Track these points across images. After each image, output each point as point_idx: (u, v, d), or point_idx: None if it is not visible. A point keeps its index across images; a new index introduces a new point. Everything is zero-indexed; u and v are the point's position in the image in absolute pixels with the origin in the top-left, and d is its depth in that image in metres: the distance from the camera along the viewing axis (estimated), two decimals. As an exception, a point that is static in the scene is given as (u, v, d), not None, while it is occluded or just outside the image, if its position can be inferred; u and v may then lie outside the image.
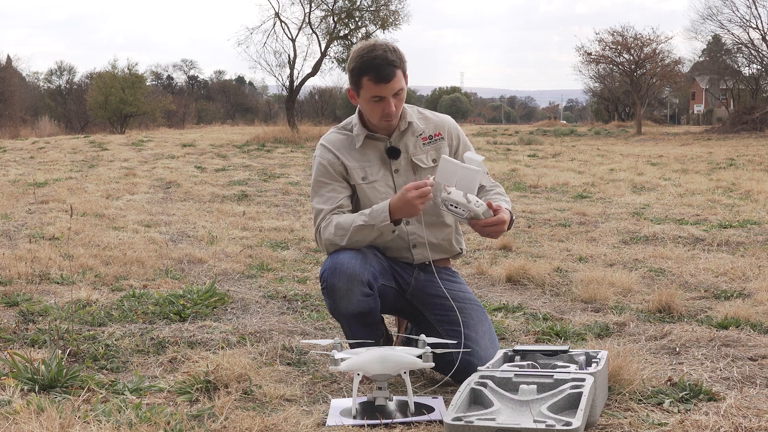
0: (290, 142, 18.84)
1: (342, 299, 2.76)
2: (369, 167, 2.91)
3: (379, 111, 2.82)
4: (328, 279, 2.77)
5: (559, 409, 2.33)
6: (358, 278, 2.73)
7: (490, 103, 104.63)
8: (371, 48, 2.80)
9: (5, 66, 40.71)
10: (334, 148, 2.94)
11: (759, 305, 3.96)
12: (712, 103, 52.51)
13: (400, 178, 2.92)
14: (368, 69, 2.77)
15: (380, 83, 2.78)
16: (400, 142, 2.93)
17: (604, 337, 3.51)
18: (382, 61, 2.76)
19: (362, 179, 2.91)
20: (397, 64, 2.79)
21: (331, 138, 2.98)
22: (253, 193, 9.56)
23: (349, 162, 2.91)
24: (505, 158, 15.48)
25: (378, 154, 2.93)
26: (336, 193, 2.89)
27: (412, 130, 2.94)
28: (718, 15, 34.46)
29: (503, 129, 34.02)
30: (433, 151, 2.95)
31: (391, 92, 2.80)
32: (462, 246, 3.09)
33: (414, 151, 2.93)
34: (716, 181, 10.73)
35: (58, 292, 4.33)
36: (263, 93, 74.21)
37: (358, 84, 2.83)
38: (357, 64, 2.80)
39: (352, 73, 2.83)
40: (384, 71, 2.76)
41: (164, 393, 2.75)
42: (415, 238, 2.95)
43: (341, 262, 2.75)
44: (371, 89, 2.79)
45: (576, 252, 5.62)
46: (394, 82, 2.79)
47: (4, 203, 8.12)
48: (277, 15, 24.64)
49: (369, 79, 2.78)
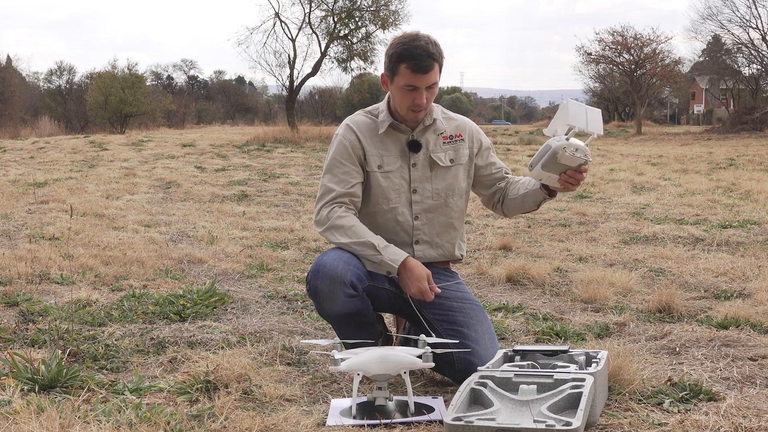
0: (290, 142, 18.83)
1: (325, 301, 2.76)
2: (387, 156, 2.91)
3: (409, 101, 2.82)
4: (311, 281, 2.78)
5: (559, 409, 2.33)
6: (340, 279, 2.72)
7: (490, 103, 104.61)
8: (414, 37, 2.81)
9: (5, 66, 40.73)
10: (358, 130, 2.94)
11: (759, 305, 3.96)
12: (712, 103, 52.52)
13: (417, 172, 2.93)
14: (408, 57, 2.77)
15: (417, 73, 2.78)
16: (422, 136, 2.93)
17: (604, 337, 3.51)
18: (422, 52, 2.77)
19: (378, 167, 2.90)
20: (437, 58, 2.79)
21: (357, 119, 2.98)
22: (253, 193, 9.56)
23: (369, 147, 2.91)
24: (505, 158, 15.48)
25: (399, 145, 2.93)
26: (350, 177, 2.88)
27: (435, 127, 2.95)
28: (718, 15, 34.51)
29: (503, 129, 34.01)
30: (452, 151, 2.96)
31: (426, 84, 2.80)
32: (463, 253, 3.09)
33: (434, 148, 2.94)
34: (716, 181, 10.73)
35: (58, 292, 4.33)
36: (263, 93, 74.20)
37: (395, 70, 2.82)
38: (397, 49, 2.80)
39: (391, 58, 2.82)
40: (423, 62, 2.77)
41: (164, 393, 2.75)
42: (419, 234, 2.95)
43: (324, 264, 2.75)
44: (407, 77, 2.79)
45: (576, 252, 5.63)
46: (431, 75, 2.79)
47: (4, 203, 8.12)
48: (277, 15, 24.65)
49: (407, 66, 2.78)
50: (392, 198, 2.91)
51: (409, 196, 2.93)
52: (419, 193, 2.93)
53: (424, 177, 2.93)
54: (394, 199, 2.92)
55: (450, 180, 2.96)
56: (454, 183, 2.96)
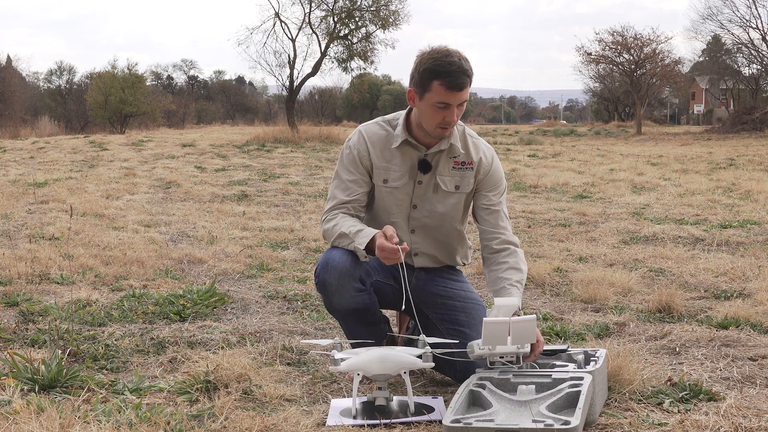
0: (290, 142, 18.83)
1: (334, 295, 2.76)
2: (394, 171, 2.87)
3: (439, 118, 2.74)
4: (320, 275, 2.78)
5: (557, 408, 2.33)
6: (349, 274, 2.73)
7: (490, 103, 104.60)
8: (447, 53, 2.71)
9: (5, 66, 40.72)
10: (369, 141, 2.90)
11: (759, 305, 3.96)
12: (712, 103, 52.51)
13: (420, 190, 2.89)
14: (443, 74, 2.68)
15: (452, 90, 2.69)
16: (434, 158, 2.87)
17: (604, 337, 3.51)
18: (457, 69, 2.68)
19: (383, 181, 2.88)
20: (470, 75, 2.72)
21: (371, 129, 2.93)
22: (253, 193, 9.55)
23: (377, 161, 2.88)
24: (505, 158, 15.48)
25: (410, 162, 2.87)
26: (356, 185, 2.87)
27: (450, 150, 2.88)
28: (718, 15, 34.51)
29: (503, 129, 34.03)
30: (458, 177, 2.90)
31: (458, 102, 2.72)
32: (466, 261, 3.07)
33: (441, 171, 2.88)
34: (716, 181, 10.73)
35: (58, 292, 4.33)
36: (263, 93, 74.22)
37: (427, 86, 2.72)
38: (431, 65, 2.70)
39: (423, 74, 2.72)
40: (459, 79, 2.68)
41: (164, 393, 2.75)
42: (418, 247, 2.94)
43: (333, 258, 2.75)
44: (441, 94, 2.70)
45: (576, 252, 5.63)
46: (464, 93, 2.72)
47: (4, 203, 8.12)
48: (277, 15, 24.64)
49: (441, 84, 2.69)
50: (393, 212, 2.90)
51: (408, 211, 2.91)
52: (418, 210, 2.90)
53: (426, 197, 2.89)
54: (395, 213, 2.90)
55: (450, 207, 2.90)
56: (454, 211, 2.92)
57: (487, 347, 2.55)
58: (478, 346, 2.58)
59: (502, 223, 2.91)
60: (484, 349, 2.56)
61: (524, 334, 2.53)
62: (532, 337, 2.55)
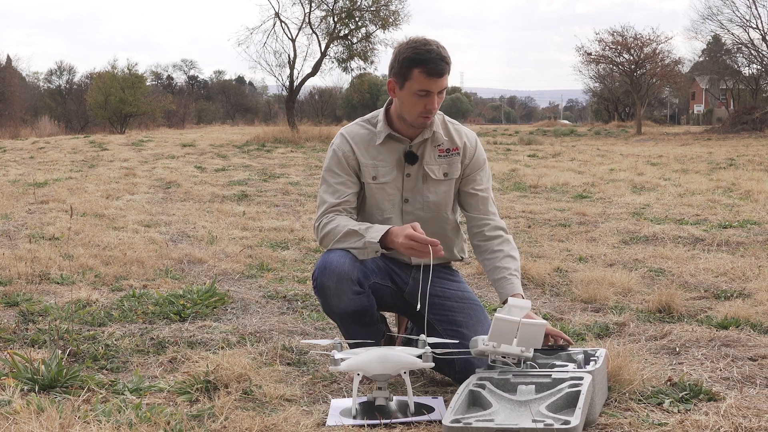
0: (290, 142, 18.84)
1: (332, 298, 2.75)
2: (382, 167, 2.88)
3: (421, 106, 2.77)
4: (318, 278, 2.77)
5: (557, 408, 2.33)
6: (348, 276, 2.72)
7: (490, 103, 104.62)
8: (425, 42, 2.76)
9: (5, 66, 40.72)
10: (353, 141, 2.91)
11: (759, 305, 3.96)
12: (712, 103, 52.51)
13: (409, 183, 2.90)
14: (423, 61, 2.72)
15: (432, 77, 2.73)
16: (419, 148, 2.89)
17: (604, 337, 3.51)
18: (437, 56, 2.72)
19: (372, 178, 2.88)
20: (449, 62, 2.76)
21: (352, 130, 2.94)
22: (253, 193, 9.55)
23: (363, 159, 2.88)
24: (505, 158, 15.48)
25: (395, 155, 2.89)
26: (345, 187, 2.87)
27: (433, 139, 2.90)
28: (718, 15, 34.54)
29: (503, 129, 34.03)
30: (446, 164, 2.91)
31: (438, 89, 2.76)
32: (464, 255, 3.08)
33: (428, 160, 2.90)
34: (716, 181, 10.73)
35: (58, 292, 4.33)
36: (263, 93, 74.24)
37: (406, 75, 2.76)
38: (410, 54, 2.74)
39: (402, 63, 2.75)
40: (438, 66, 2.72)
41: (164, 393, 2.75)
42: None
43: (331, 261, 2.74)
44: (421, 82, 2.74)
45: (576, 252, 5.63)
46: (444, 80, 2.76)
47: (4, 203, 8.12)
48: (277, 15, 24.66)
49: (421, 71, 2.73)
50: (386, 208, 2.90)
51: (401, 206, 2.91)
52: (410, 203, 2.91)
53: (416, 188, 2.89)
54: (388, 209, 2.90)
55: (442, 195, 2.91)
56: (446, 198, 2.92)
57: (492, 344, 2.55)
58: (483, 342, 2.58)
59: (492, 208, 2.95)
60: (488, 345, 2.56)
61: (531, 337, 2.52)
62: (538, 343, 2.55)
